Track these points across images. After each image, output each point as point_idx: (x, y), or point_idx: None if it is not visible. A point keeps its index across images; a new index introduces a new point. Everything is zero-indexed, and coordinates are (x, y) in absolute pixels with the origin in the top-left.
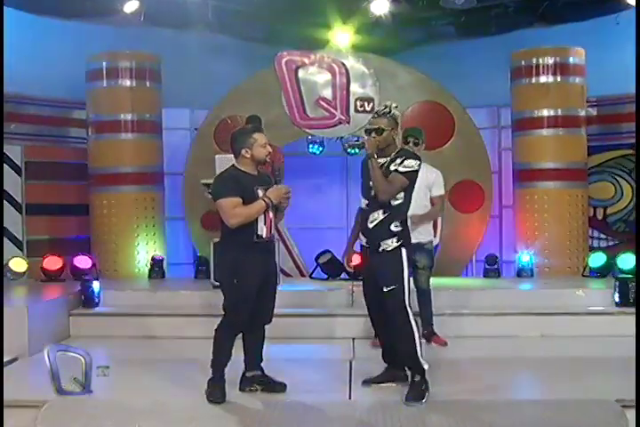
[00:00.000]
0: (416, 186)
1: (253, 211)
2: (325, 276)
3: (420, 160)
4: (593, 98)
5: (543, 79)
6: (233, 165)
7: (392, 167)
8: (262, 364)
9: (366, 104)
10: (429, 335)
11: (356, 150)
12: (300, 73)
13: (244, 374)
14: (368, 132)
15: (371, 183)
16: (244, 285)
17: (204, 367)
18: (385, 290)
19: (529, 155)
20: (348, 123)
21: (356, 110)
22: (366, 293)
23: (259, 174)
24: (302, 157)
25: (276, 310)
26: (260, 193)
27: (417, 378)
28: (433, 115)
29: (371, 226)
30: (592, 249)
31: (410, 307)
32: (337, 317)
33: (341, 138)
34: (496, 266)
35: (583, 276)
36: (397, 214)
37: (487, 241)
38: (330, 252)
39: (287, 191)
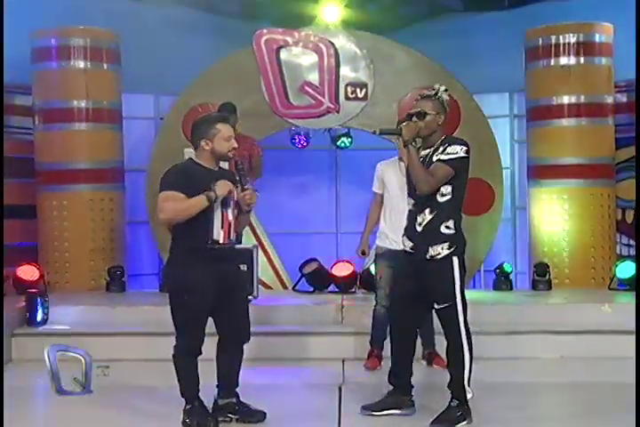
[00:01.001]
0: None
1: (184, 206)
2: (311, 288)
3: (467, 146)
4: (622, 82)
5: (564, 60)
6: (190, 158)
7: (435, 157)
8: (238, 390)
9: (358, 90)
10: (430, 357)
11: (346, 143)
12: (282, 54)
13: (216, 401)
14: (409, 116)
15: None
16: (194, 300)
17: (171, 395)
18: (436, 307)
19: (546, 148)
20: (338, 112)
21: (347, 97)
22: (396, 302)
23: (220, 171)
24: (285, 150)
25: (253, 328)
26: None
27: (454, 403)
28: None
29: (419, 229)
30: (620, 257)
31: (467, 327)
32: (324, 335)
33: (329, 129)
34: (508, 277)
35: (610, 289)
36: (447, 213)
37: (498, 248)
38: (316, 260)
39: (244, 193)
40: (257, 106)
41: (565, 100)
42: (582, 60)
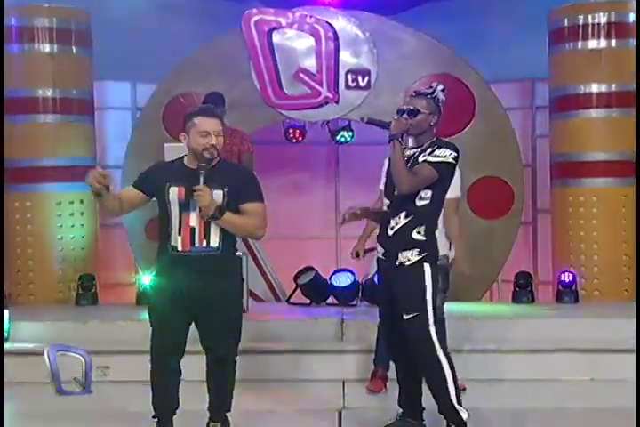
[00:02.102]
0: None
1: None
2: (307, 300)
3: (457, 152)
4: None
5: (592, 44)
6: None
7: (421, 158)
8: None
9: (360, 78)
10: None
11: (347, 137)
12: (275, 37)
13: (208, 423)
14: (400, 112)
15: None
16: (152, 308)
17: (146, 420)
18: (405, 317)
19: (572, 143)
20: (337, 102)
21: (347, 86)
22: (384, 319)
23: (192, 169)
24: (278, 145)
25: (242, 345)
26: (173, 192)
27: None
28: (446, 92)
29: (390, 233)
30: None
31: (437, 338)
32: (322, 353)
33: (328, 122)
34: (529, 288)
35: None
36: (422, 219)
37: (517, 255)
38: (313, 269)
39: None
40: (246, 96)
41: (594, 88)
42: (614, 42)
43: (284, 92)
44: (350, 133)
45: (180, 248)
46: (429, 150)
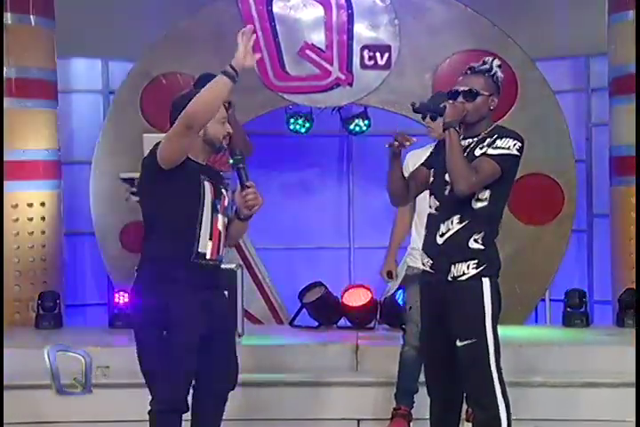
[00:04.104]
0: None
1: (209, 90)
2: (315, 322)
3: (522, 141)
4: None
5: None
6: None
7: (478, 151)
8: None
9: (379, 55)
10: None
11: (362, 126)
12: (276, 6)
13: None
14: (454, 95)
15: (447, 176)
16: (178, 336)
17: None
18: (458, 345)
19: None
20: (351, 84)
21: (363, 65)
22: (426, 344)
23: (207, 167)
24: (279, 136)
25: (238, 376)
26: (208, 186)
27: None
28: (503, 68)
29: (440, 241)
30: None
31: (500, 373)
32: (333, 386)
33: (339, 108)
34: (583, 308)
35: None
36: (480, 224)
37: (568, 269)
38: (322, 285)
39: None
40: (241, 76)
41: None
42: None
43: (286, 72)
44: (366, 122)
45: (208, 256)
46: (488, 140)
